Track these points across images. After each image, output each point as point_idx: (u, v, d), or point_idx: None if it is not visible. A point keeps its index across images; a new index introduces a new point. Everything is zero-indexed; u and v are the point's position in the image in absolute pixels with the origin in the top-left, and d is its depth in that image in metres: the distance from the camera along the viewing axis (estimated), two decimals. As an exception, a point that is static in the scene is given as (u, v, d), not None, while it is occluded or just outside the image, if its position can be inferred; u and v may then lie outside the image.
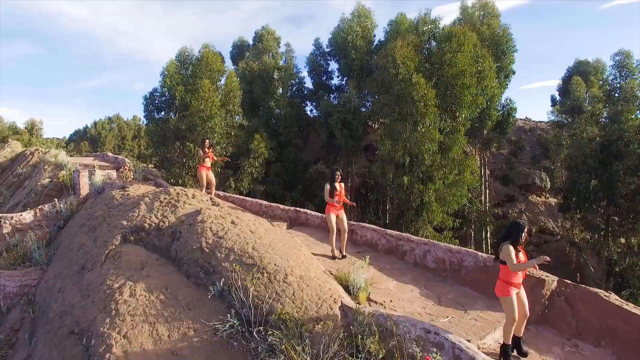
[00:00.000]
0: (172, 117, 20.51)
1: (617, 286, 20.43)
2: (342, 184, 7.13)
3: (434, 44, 19.42)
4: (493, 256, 6.47)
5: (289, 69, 27.74)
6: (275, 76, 27.42)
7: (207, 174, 10.15)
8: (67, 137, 68.89)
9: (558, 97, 36.77)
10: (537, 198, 34.02)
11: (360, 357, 4.13)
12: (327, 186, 7.03)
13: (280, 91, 27.53)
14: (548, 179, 33.45)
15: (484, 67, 18.43)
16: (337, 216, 7.09)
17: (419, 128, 15.77)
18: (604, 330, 4.86)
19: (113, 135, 62.61)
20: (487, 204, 27.02)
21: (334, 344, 4.24)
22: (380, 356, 4.13)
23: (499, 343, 4.86)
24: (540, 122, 44.69)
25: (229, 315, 4.84)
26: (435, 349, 4.07)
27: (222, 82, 21.58)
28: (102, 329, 5.04)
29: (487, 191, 27.47)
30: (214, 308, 5.18)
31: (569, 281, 5.52)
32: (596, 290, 5.18)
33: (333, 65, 27.60)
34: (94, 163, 16.87)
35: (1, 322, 7.05)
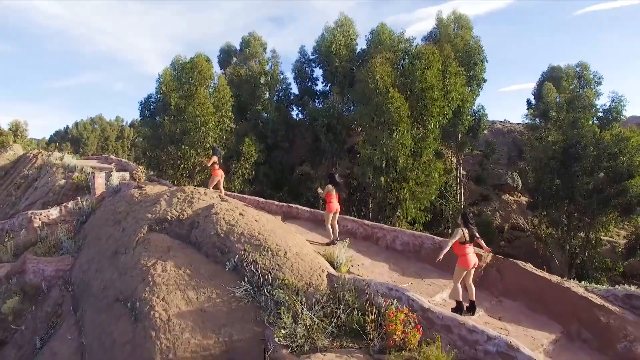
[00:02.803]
0: (166, 121, 21.74)
1: (578, 276, 22.43)
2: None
3: (408, 60, 21.39)
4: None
5: (275, 74, 29.06)
6: (262, 81, 28.56)
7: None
8: (47, 138, 67.53)
9: (534, 100, 36.77)
10: (510, 197, 36.04)
11: (341, 307, 5.77)
12: (333, 189, 8.56)
13: (267, 96, 28.81)
14: (519, 179, 35.30)
15: (451, 82, 20.47)
16: (335, 212, 8.63)
17: (394, 135, 17.74)
18: (520, 289, 6.61)
19: (96, 136, 61.88)
20: (463, 203, 29.01)
21: (323, 298, 5.87)
22: (356, 305, 5.77)
23: (445, 300, 6.56)
24: (518, 124, 46.83)
25: (243, 282, 6.40)
26: (395, 301, 5.72)
27: (213, 87, 22.90)
28: (144, 295, 6.54)
29: (462, 191, 29.49)
30: (231, 278, 6.73)
31: (500, 256, 7.27)
32: (517, 261, 6.94)
33: (317, 72, 29.00)
34: (100, 165, 18.10)
35: (45, 299, 8.42)
